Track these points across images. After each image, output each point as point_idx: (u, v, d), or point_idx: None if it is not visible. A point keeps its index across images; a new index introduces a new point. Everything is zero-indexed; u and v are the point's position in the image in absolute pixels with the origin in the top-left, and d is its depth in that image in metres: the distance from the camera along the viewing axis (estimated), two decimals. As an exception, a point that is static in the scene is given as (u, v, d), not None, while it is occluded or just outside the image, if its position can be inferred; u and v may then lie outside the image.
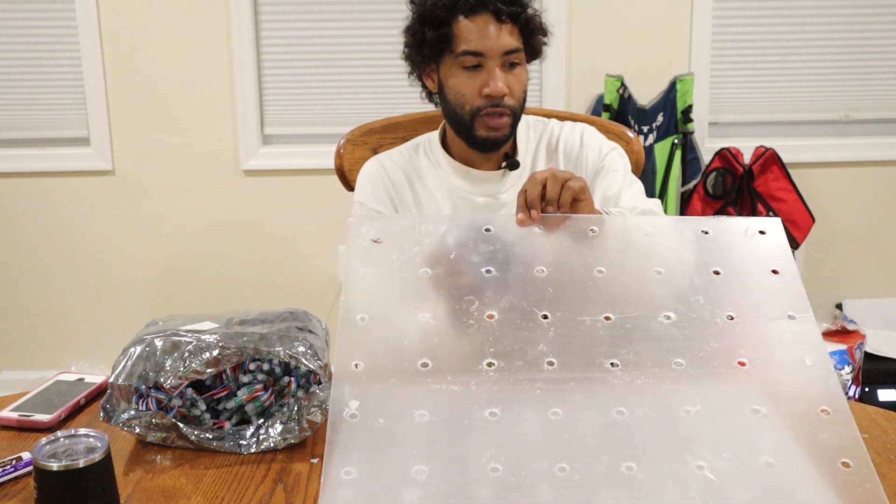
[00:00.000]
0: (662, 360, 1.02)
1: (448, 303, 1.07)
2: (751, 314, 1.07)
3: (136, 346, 1.14)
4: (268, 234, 3.02)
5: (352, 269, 1.09)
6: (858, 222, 3.07)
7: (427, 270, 1.10)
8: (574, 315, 1.06)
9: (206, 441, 1.12)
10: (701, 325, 1.05)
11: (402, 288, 1.09)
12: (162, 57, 2.89)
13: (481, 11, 1.43)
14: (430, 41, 1.47)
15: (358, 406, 0.96)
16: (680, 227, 1.19)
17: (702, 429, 0.96)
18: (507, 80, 1.45)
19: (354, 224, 1.13)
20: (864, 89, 2.99)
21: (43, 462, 0.89)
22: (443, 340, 1.04)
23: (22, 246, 3.03)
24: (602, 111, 2.78)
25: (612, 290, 1.09)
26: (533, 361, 1.01)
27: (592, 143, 1.56)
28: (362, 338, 1.04)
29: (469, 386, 0.98)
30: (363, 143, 1.74)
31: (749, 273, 1.11)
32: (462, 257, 1.11)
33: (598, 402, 0.98)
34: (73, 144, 2.97)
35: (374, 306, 1.07)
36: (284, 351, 1.14)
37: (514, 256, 1.12)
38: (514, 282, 1.09)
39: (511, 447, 0.93)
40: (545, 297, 1.07)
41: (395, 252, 1.10)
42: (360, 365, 1.00)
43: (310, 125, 2.97)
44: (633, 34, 2.89)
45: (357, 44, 2.87)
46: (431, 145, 1.60)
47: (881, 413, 1.21)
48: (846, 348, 2.59)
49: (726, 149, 2.88)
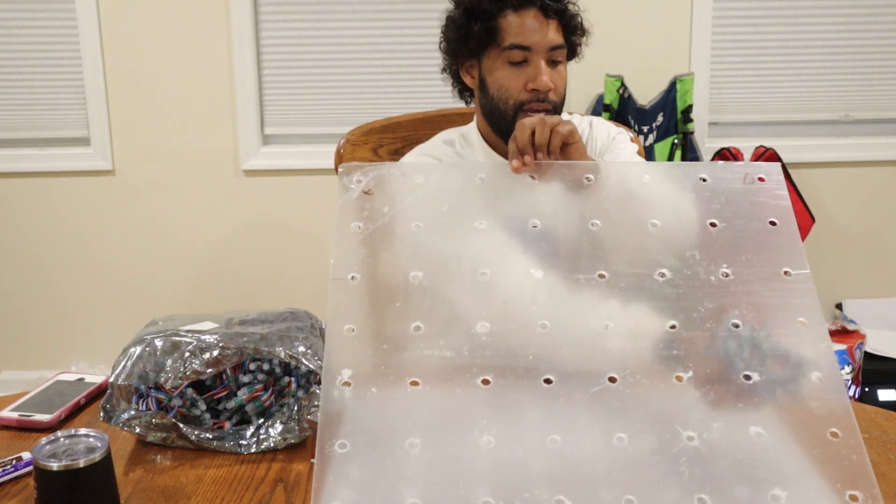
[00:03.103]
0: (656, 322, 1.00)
1: (440, 262, 1.04)
2: (746, 271, 1.04)
3: (137, 346, 1.14)
4: (268, 234, 3.02)
5: (342, 223, 1.05)
6: (858, 222, 3.07)
7: (419, 224, 1.07)
8: (569, 273, 1.03)
9: (206, 441, 1.12)
10: (695, 283, 1.02)
11: (393, 245, 1.06)
12: (162, 57, 2.89)
13: (529, 6, 1.44)
14: (476, 35, 1.46)
15: (350, 374, 0.94)
16: (678, 173, 1.15)
17: (693, 398, 0.94)
18: (551, 76, 1.45)
19: (345, 172, 1.09)
20: (864, 89, 2.99)
21: (43, 462, 0.89)
22: (434, 302, 1.01)
23: (22, 246, 3.03)
24: (602, 111, 2.78)
25: (607, 245, 1.06)
26: (527, 324, 0.99)
27: (601, 127, 1.59)
28: (354, 299, 1.00)
29: (461, 352, 0.96)
30: (363, 143, 1.74)
31: (746, 224, 1.07)
32: (455, 208, 1.08)
33: (591, 370, 0.95)
34: (73, 144, 2.97)
35: (365, 265, 1.03)
36: (285, 351, 1.14)
37: (507, 209, 1.09)
38: (508, 235, 1.06)
39: (503, 418, 0.92)
40: (539, 253, 1.05)
41: (387, 204, 1.07)
42: (353, 329, 0.97)
43: (310, 125, 2.97)
44: (633, 34, 2.89)
45: (357, 44, 2.87)
46: (468, 141, 1.58)
47: (881, 413, 1.22)
48: (846, 348, 2.59)
49: (726, 149, 2.88)
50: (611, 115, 2.75)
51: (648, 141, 2.83)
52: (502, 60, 1.46)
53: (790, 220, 1.07)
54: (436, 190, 1.09)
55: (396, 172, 1.11)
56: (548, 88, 1.44)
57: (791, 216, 1.07)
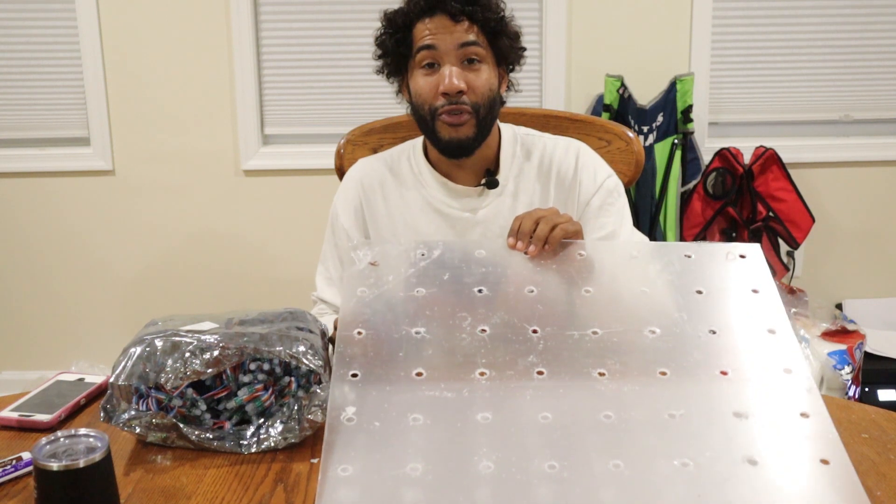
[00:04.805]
0: (648, 370, 1.06)
1: (442, 319, 1.11)
2: (732, 329, 1.11)
3: (137, 347, 1.14)
4: (268, 234, 3.02)
5: (349, 289, 1.14)
6: (858, 222, 3.07)
7: (421, 290, 1.15)
8: (562, 330, 1.10)
9: (206, 441, 1.12)
10: (684, 339, 1.09)
11: (397, 305, 1.13)
12: (162, 57, 2.89)
13: (437, 12, 1.43)
14: (392, 49, 1.47)
15: (355, 411, 1.00)
16: (663, 251, 1.24)
17: (686, 430, 0.99)
18: (466, 78, 1.42)
19: (352, 248, 1.18)
20: (864, 89, 2.99)
21: (43, 462, 0.89)
22: (436, 353, 1.08)
23: (22, 246, 3.03)
24: (602, 111, 2.78)
25: (599, 307, 1.14)
26: (523, 371, 1.05)
27: (587, 169, 1.53)
28: (359, 350, 1.08)
29: (462, 392, 1.02)
30: (363, 143, 1.74)
31: (730, 292, 1.16)
32: (455, 278, 1.16)
33: (587, 406, 1.01)
34: (73, 144, 2.98)
35: (370, 322, 1.11)
36: (285, 351, 1.14)
37: (504, 277, 1.17)
38: (505, 300, 1.14)
39: (503, 447, 0.96)
40: (535, 315, 1.12)
41: (392, 273, 1.16)
42: (357, 375, 1.05)
43: (310, 125, 2.97)
44: (633, 34, 2.89)
45: (357, 44, 2.87)
46: (415, 153, 1.58)
47: (881, 413, 1.22)
48: (846, 348, 2.59)
49: (726, 149, 2.88)
50: (611, 115, 2.75)
51: (648, 141, 2.83)
52: (417, 68, 1.46)
53: (772, 289, 1.15)
54: (437, 263, 1.17)
55: (401, 248, 1.20)
56: (455, 90, 1.41)
57: (772, 285, 1.16)
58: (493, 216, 1.52)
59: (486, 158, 1.52)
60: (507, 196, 1.52)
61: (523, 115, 1.70)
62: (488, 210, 1.52)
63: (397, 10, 1.46)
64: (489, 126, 1.48)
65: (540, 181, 1.54)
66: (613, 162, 1.64)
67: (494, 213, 1.52)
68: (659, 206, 2.83)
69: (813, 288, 2.99)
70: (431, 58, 1.43)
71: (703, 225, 2.91)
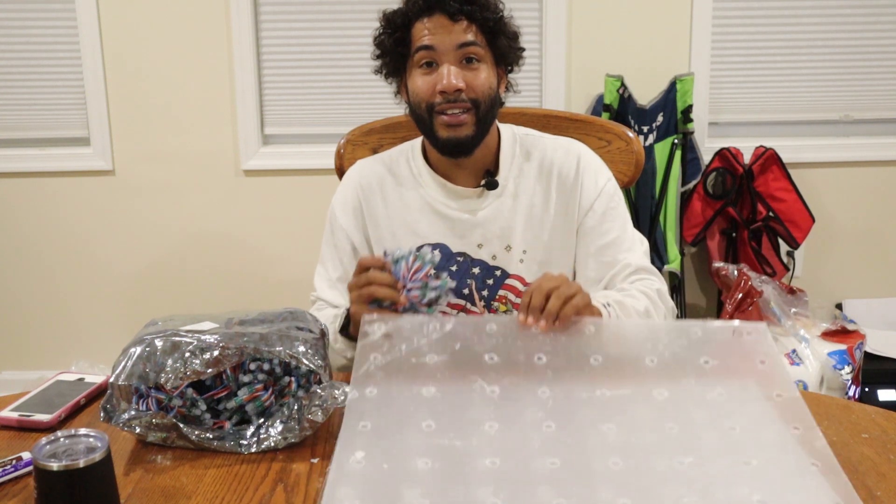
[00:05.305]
0: (656, 425, 1.09)
1: (452, 381, 1.15)
2: (739, 393, 1.14)
3: (137, 347, 1.14)
4: (268, 234, 3.02)
5: (362, 356, 1.18)
6: (858, 222, 3.07)
7: (433, 356, 1.19)
8: (571, 391, 1.14)
9: (206, 441, 1.12)
10: (690, 399, 1.14)
11: (409, 369, 1.17)
12: (162, 57, 2.89)
13: (435, 12, 1.43)
14: (390, 49, 1.47)
15: (364, 455, 1.03)
16: (670, 328, 1.29)
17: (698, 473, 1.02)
18: (464, 77, 1.42)
19: (367, 321, 1.22)
20: (864, 89, 2.99)
21: (43, 462, 0.89)
22: (446, 409, 1.11)
23: (22, 246, 3.03)
24: (602, 111, 2.78)
25: (607, 372, 1.17)
26: (532, 423, 1.09)
27: (589, 172, 1.53)
28: (371, 406, 1.12)
29: (470, 441, 1.06)
30: (363, 143, 1.74)
31: (737, 363, 1.20)
32: (466, 347, 1.20)
33: (596, 454, 1.04)
34: (73, 144, 2.97)
35: (381, 382, 1.15)
36: (285, 351, 1.14)
37: (514, 347, 1.21)
38: (515, 366, 1.18)
39: (511, 484, 1.00)
40: (544, 378, 1.17)
41: (405, 343, 1.21)
42: (367, 426, 1.09)
43: (310, 125, 2.97)
44: (633, 34, 2.89)
45: (357, 44, 2.87)
46: (414, 153, 1.58)
47: (881, 413, 1.21)
48: (846, 348, 2.59)
49: (726, 149, 2.88)
50: (611, 115, 2.75)
51: (648, 141, 2.83)
52: (415, 67, 1.46)
53: (778, 360, 1.18)
54: (449, 335, 1.21)
55: (415, 321, 1.23)
56: (453, 88, 1.41)
57: (778, 357, 1.19)
58: (492, 217, 1.51)
59: (485, 159, 1.52)
60: (507, 197, 1.52)
61: (523, 115, 1.70)
62: (488, 211, 1.52)
63: (396, 10, 1.46)
64: (488, 126, 1.48)
65: (540, 182, 1.53)
66: (613, 162, 1.64)
67: (494, 214, 1.51)
68: (659, 206, 2.83)
69: (813, 288, 2.99)
70: (430, 57, 1.44)
71: (703, 225, 2.91)
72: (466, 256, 1.52)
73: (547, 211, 1.52)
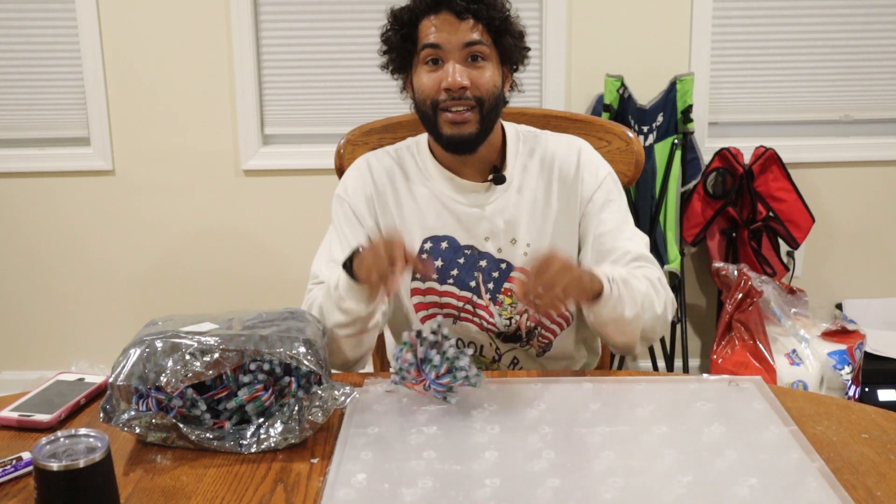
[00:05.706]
0: (657, 453, 1.11)
1: (453, 421, 1.21)
2: (737, 428, 1.18)
3: (136, 348, 1.14)
4: (268, 234, 3.02)
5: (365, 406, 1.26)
6: (858, 222, 3.07)
7: (435, 406, 1.25)
8: (570, 428, 1.19)
9: (206, 441, 1.12)
10: (688, 431, 1.17)
11: (411, 414, 1.23)
12: (162, 57, 2.89)
13: (442, 10, 1.44)
14: (397, 45, 1.48)
15: (365, 477, 1.05)
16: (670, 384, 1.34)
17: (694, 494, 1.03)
18: (470, 75, 1.44)
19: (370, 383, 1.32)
20: (864, 89, 2.99)
21: (43, 462, 0.89)
22: (447, 442, 1.15)
23: (22, 246, 3.03)
24: (602, 111, 2.78)
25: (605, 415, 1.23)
26: (532, 452, 1.12)
27: (589, 166, 1.56)
28: (372, 440, 1.16)
29: (471, 466, 1.08)
30: (363, 143, 1.74)
31: (732, 404, 1.25)
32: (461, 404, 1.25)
33: (597, 476, 1.06)
34: (73, 144, 2.97)
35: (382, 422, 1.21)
36: (285, 352, 1.14)
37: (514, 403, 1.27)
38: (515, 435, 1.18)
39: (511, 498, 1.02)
40: (544, 419, 1.21)
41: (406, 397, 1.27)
42: (370, 455, 1.11)
43: (310, 125, 2.97)
44: (633, 34, 2.89)
45: (357, 44, 2.87)
46: (419, 148, 1.59)
47: (881, 413, 1.22)
48: (846, 348, 2.59)
49: (726, 149, 2.88)
50: (611, 115, 2.75)
51: (648, 141, 2.83)
52: (421, 64, 1.47)
53: (779, 408, 1.22)
54: None
55: None
56: (458, 86, 1.43)
57: (779, 407, 1.22)
58: (499, 211, 1.54)
59: (489, 156, 1.54)
60: (512, 192, 1.55)
61: (524, 115, 1.71)
62: (495, 205, 1.54)
63: (403, 7, 1.48)
64: (492, 124, 1.50)
65: (543, 177, 1.56)
66: (613, 162, 1.64)
67: (501, 208, 1.54)
68: (659, 206, 2.83)
69: (813, 288, 2.99)
70: (436, 55, 1.45)
71: (703, 225, 2.91)
72: (474, 249, 1.54)
73: (549, 205, 1.54)
